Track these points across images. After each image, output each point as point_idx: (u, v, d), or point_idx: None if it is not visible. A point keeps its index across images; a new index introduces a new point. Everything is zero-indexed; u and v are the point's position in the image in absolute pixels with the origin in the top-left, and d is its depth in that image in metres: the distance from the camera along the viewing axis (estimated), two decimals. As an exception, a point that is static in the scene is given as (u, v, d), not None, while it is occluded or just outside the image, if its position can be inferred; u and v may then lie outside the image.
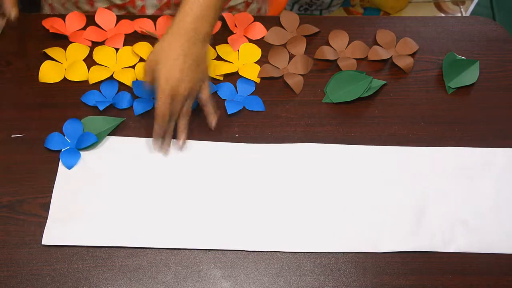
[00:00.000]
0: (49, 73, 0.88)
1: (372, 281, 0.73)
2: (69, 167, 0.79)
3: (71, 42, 0.91)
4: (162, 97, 0.76)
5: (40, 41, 0.92)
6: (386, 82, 0.91)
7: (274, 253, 0.74)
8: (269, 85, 0.90)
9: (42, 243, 0.73)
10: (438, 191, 0.80)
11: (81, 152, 0.80)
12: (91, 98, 0.85)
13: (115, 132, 0.83)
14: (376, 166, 0.82)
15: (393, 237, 0.76)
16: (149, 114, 0.84)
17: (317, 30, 0.96)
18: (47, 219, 0.75)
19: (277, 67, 0.92)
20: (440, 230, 0.77)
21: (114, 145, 0.81)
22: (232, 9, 1.04)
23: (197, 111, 0.84)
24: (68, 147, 0.80)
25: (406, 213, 0.78)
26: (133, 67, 0.90)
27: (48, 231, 0.73)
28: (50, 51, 0.89)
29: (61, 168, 0.79)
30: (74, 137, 0.81)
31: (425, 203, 0.79)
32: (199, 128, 0.84)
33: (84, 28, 0.93)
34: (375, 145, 0.84)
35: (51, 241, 0.73)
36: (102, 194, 0.77)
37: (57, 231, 0.73)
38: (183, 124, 0.80)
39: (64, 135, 0.81)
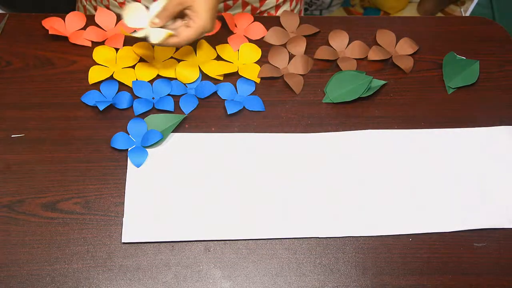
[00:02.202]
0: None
1: (372, 281, 0.73)
2: (138, 165, 0.80)
3: (73, 43, 0.91)
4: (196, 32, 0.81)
5: (40, 41, 0.92)
6: (386, 82, 0.91)
7: (274, 253, 0.74)
8: (269, 85, 0.90)
9: (122, 241, 0.74)
10: (496, 169, 0.83)
11: (148, 150, 0.81)
12: (91, 98, 0.85)
13: (175, 129, 0.84)
14: (434, 149, 0.84)
15: (457, 216, 0.78)
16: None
17: (317, 30, 0.96)
18: (47, 219, 0.75)
19: (277, 67, 0.92)
20: (504, 207, 0.79)
21: (179, 141, 0.82)
22: (262, 13, 1.04)
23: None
24: (134, 146, 0.81)
25: (468, 192, 0.80)
26: (133, 67, 0.90)
27: (126, 229, 0.74)
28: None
29: (130, 166, 0.79)
30: (139, 136, 0.82)
31: (486, 181, 0.81)
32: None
33: (84, 28, 0.93)
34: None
35: (131, 239, 0.74)
36: (175, 190, 0.78)
37: (135, 228, 0.75)
38: None
39: (129, 134, 0.82)
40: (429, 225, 0.77)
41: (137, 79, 0.88)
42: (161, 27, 0.81)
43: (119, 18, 0.95)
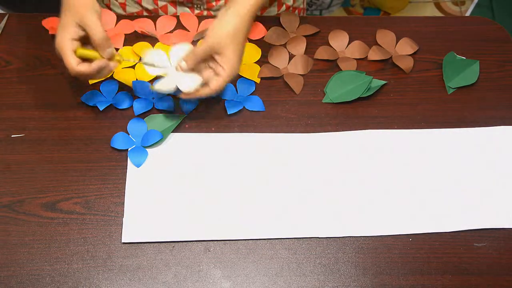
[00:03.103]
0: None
1: (372, 281, 0.73)
2: (138, 165, 0.80)
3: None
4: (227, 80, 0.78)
5: (40, 41, 0.92)
6: (386, 82, 0.91)
7: (274, 253, 0.74)
8: (269, 85, 0.90)
9: (122, 241, 0.74)
10: (496, 169, 0.83)
11: (148, 150, 0.81)
12: (91, 98, 0.85)
13: (175, 129, 0.84)
14: (434, 149, 0.84)
15: (457, 216, 0.78)
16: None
17: (317, 30, 0.96)
18: (47, 219, 0.75)
19: (277, 67, 0.92)
20: (504, 207, 0.79)
21: (179, 141, 0.82)
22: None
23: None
24: (134, 145, 0.81)
25: (468, 192, 0.80)
26: (133, 67, 0.90)
27: (126, 229, 0.74)
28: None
29: (130, 166, 0.79)
30: (139, 136, 0.82)
31: (486, 181, 0.81)
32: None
33: (84, 28, 0.93)
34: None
35: (131, 239, 0.74)
36: (175, 190, 0.78)
37: (135, 228, 0.75)
38: None
39: (129, 134, 0.82)
40: (429, 225, 0.77)
41: (137, 79, 0.88)
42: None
43: (119, 18, 0.95)
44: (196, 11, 0.99)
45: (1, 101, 0.85)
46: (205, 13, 0.99)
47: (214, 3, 0.98)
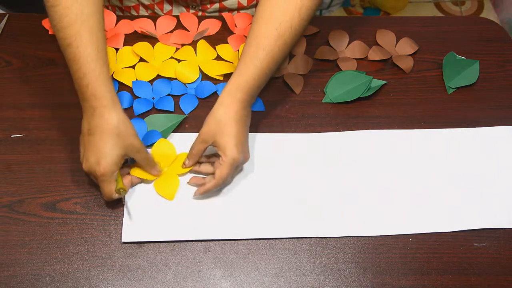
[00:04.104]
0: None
1: (372, 281, 0.73)
2: None
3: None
4: (229, 168, 0.74)
5: (40, 41, 0.92)
6: (386, 82, 0.91)
7: (274, 253, 0.74)
8: (269, 85, 0.90)
9: (122, 241, 0.73)
10: (496, 169, 0.82)
11: (148, 150, 0.80)
12: (91, 98, 0.85)
13: (175, 129, 0.84)
14: (434, 149, 0.84)
15: (457, 216, 0.78)
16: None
17: (317, 30, 0.96)
18: (47, 219, 0.75)
19: (277, 67, 0.91)
20: (504, 207, 0.79)
21: (179, 141, 0.82)
22: None
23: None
24: None
25: (468, 192, 0.80)
26: (133, 67, 0.90)
27: (126, 229, 0.74)
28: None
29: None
30: (139, 136, 0.81)
31: (486, 181, 0.81)
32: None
33: (84, 28, 0.93)
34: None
35: (131, 239, 0.74)
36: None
37: (135, 228, 0.74)
38: None
39: None
40: (429, 225, 0.77)
41: (137, 79, 0.88)
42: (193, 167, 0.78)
43: (119, 18, 0.95)
44: (192, 11, 0.99)
45: (1, 101, 0.85)
46: (199, 13, 0.99)
47: (208, 6, 0.98)
